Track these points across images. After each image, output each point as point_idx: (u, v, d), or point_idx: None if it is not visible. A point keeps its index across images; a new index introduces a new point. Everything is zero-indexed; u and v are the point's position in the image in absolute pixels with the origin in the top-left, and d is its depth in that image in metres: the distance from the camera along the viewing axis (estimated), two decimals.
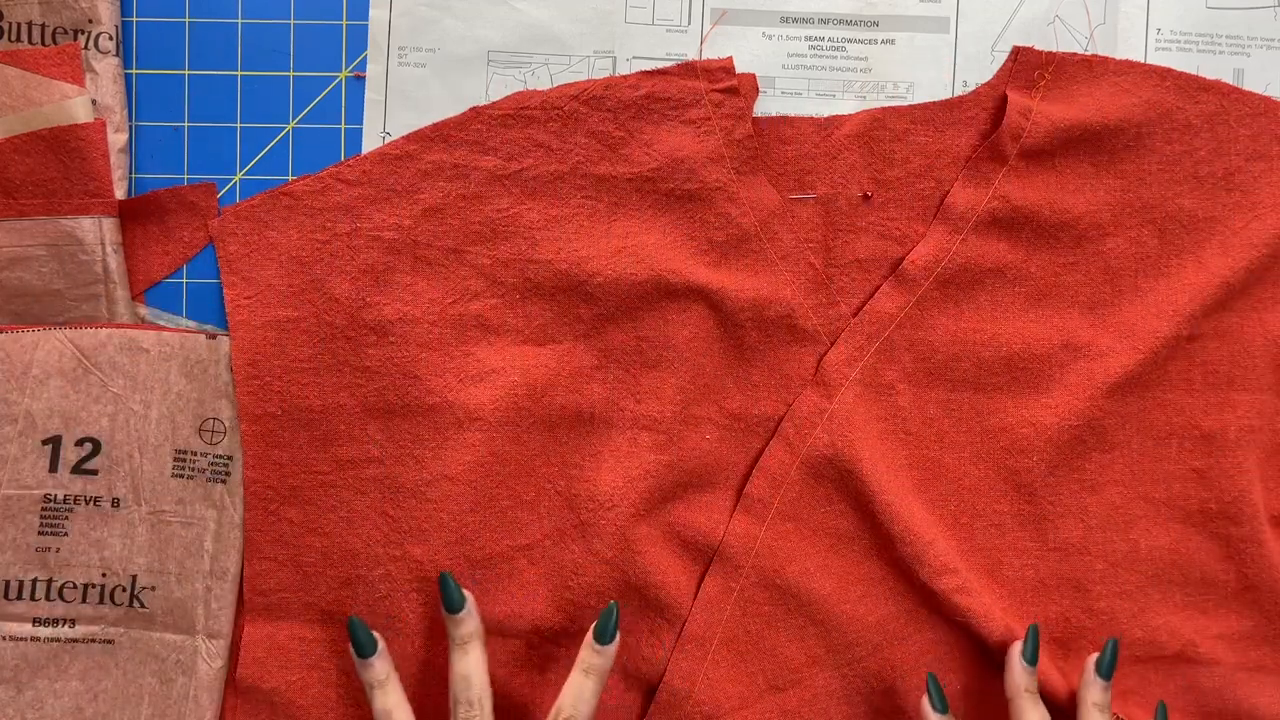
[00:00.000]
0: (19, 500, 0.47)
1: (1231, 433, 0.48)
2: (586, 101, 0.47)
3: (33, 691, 0.47)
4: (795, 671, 0.48)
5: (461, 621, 0.44)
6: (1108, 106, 0.47)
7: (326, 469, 0.47)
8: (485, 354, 0.47)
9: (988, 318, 0.47)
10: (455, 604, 0.44)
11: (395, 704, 0.43)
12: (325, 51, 0.48)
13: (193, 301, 0.49)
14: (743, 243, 0.47)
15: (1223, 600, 0.48)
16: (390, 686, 0.44)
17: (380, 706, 0.43)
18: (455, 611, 0.44)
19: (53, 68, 0.47)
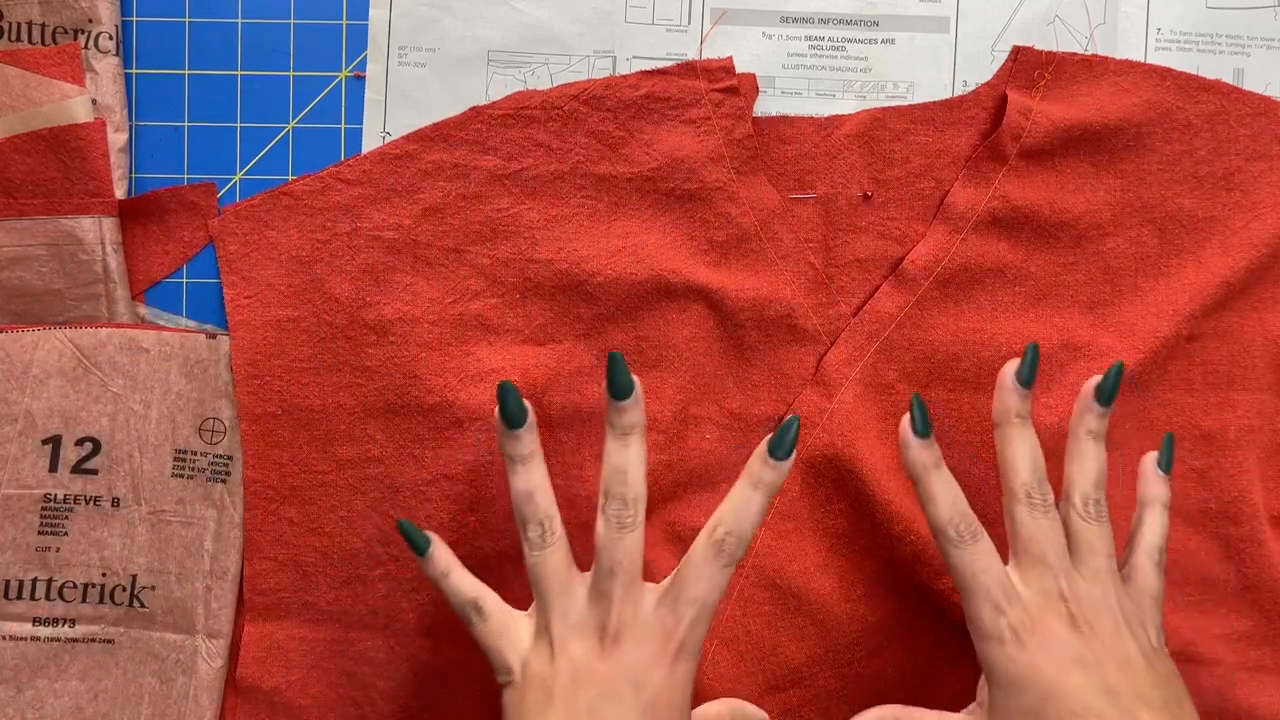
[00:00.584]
0: (19, 500, 0.47)
1: (1231, 432, 0.48)
2: (586, 101, 0.47)
3: (33, 691, 0.47)
4: (795, 671, 0.48)
5: (626, 410, 0.38)
6: (1108, 106, 0.47)
7: (326, 468, 0.47)
8: (485, 354, 0.47)
9: (988, 318, 0.47)
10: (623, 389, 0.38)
11: (538, 484, 0.39)
12: (325, 51, 0.48)
13: (193, 301, 0.49)
14: (743, 242, 0.47)
15: (1223, 600, 0.48)
16: (535, 464, 0.39)
17: (522, 486, 0.39)
18: (621, 398, 0.38)
19: (53, 67, 0.47)
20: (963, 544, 0.38)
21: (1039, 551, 0.38)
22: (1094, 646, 0.36)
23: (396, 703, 0.47)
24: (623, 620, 0.37)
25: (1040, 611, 0.37)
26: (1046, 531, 0.38)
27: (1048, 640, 0.36)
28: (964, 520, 0.38)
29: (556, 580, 0.38)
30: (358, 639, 0.48)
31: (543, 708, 0.36)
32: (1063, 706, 0.35)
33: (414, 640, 0.47)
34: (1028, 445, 0.40)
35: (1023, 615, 0.37)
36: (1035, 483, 0.39)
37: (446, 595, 0.40)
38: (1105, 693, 0.35)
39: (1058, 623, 0.37)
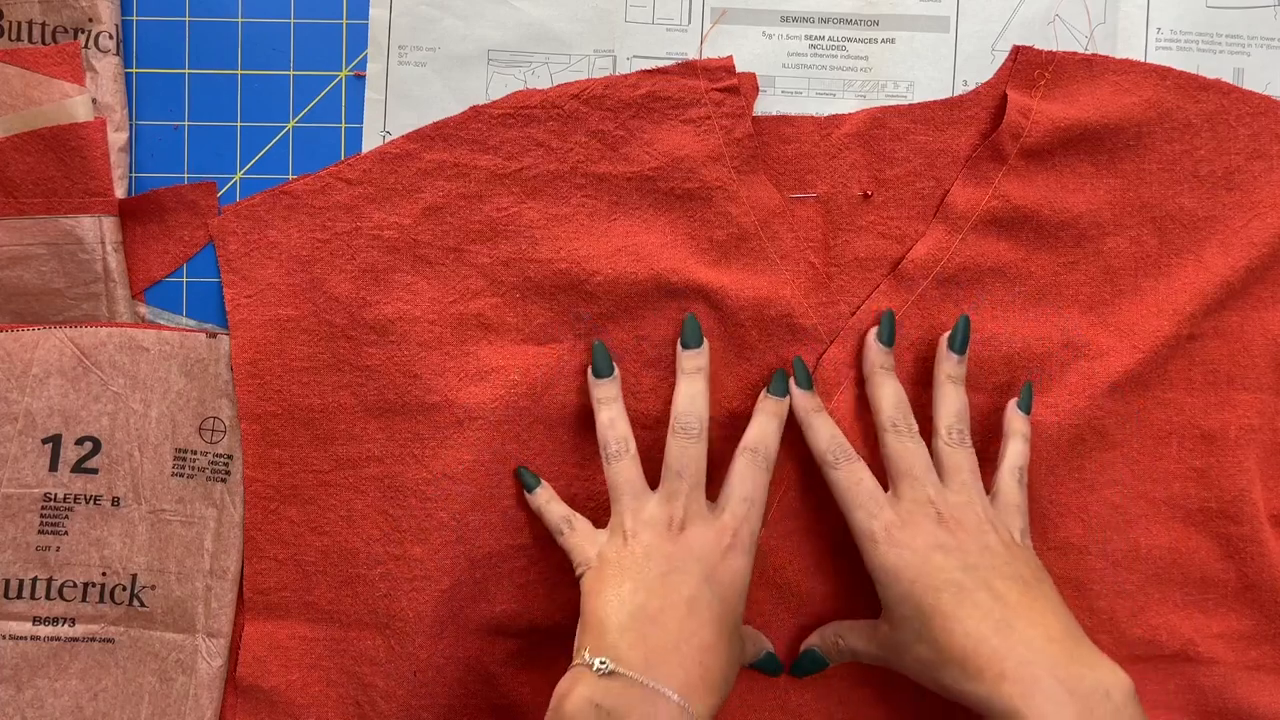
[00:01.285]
0: (19, 499, 0.47)
1: (1232, 432, 0.48)
2: (587, 100, 0.47)
3: (33, 690, 0.47)
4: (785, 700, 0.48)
5: (694, 356, 0.46)
6: (1108, 106, 0.47)
7: (326, 468, 0.47)
8: (485, 353, 0.47)
9: (987, 317, 0.47)
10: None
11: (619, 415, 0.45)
12: (325, 51, 0.48)
13: (193, 300, 0.49)
14: (743, 242, 0.47)
15: (1222, 600, 0.48)
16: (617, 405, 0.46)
17: (606, 418, 0.45)
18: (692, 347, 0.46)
19: (53, 67, 0.47)
20: (839, 465, 0.44)
21: (906, 467, 0.43)
22: (959, 537, 0.42)
23: (396, 702, 0.47)
24: (689, 513, 0.43)
25: (910, 514, 0.42)
26: (912, 451, 0.44)
27: (915, 534, 0.42)
28: (840, 448, 0.44)
29: (630, 485, 0.44)
30: (358, 638, 0.48)
31: (617, 579, 0.41)
32: (927, 583, 0.41)
33: (414, 640, 0.47)
34: (890, 387, 0.45)
35: (893, 517, 0.43)
36: (899, 415, 0.45)
37: (545, 517, 0.46)
38: (964, 568, 0.41)
39: (926, 521, 0.42)
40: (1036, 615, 0.39)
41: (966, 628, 0.39)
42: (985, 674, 0.38)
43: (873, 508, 0.43)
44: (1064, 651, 0.38)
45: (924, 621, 0.40)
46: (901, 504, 0.43)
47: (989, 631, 0.39)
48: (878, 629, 0.44)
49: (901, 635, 0.42)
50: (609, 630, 0.40)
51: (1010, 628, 0.39)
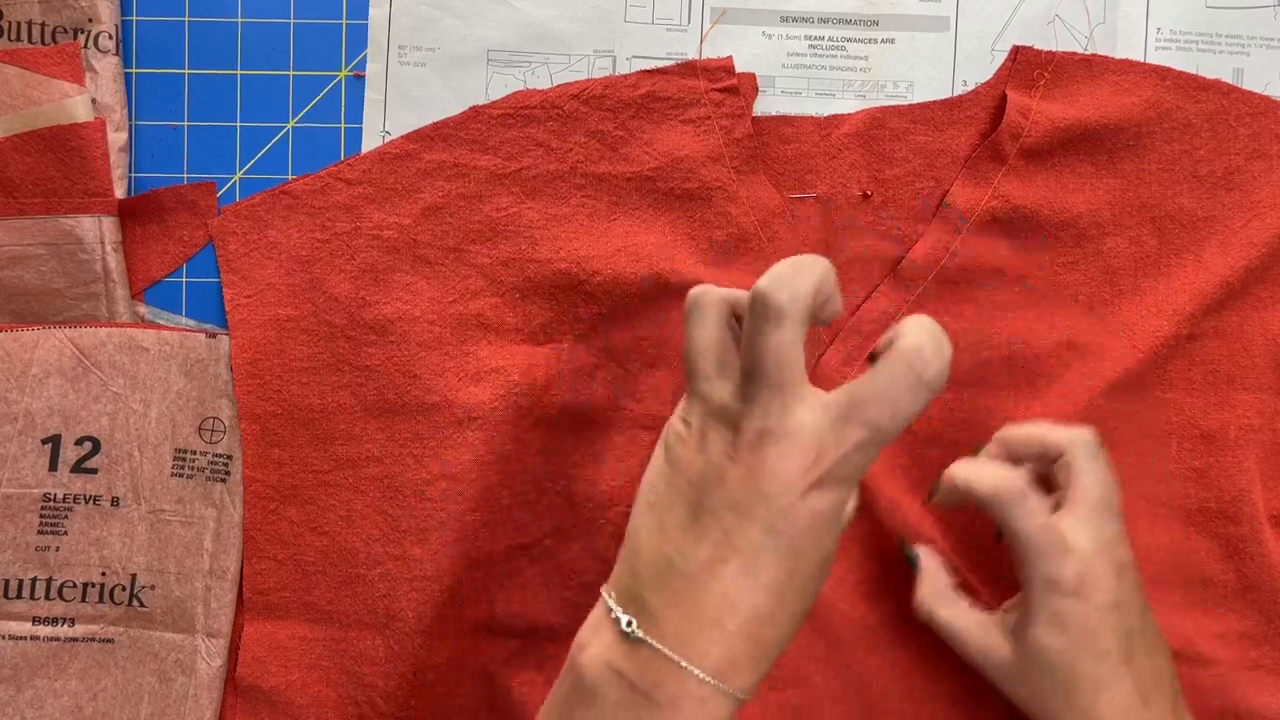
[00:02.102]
0: (18, 499, 0.47)
1: (1231, 432, 0.48)
2: (586, 101, 0.47)
3: (32, 690, 0.47)
4: (795, 671, 0.48)
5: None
6: (1107, 106, 0.47)
7: (326, 468, 0.47)
8: (485, 353, 0.47)
9: (987, 317, 0.47)
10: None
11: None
12: (325, 51, 0.48)
13: (192, 300, 0.49)
14: (742, 242, 0.47)
15: (1222, 600, 0.48)
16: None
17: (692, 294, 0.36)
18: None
19: (53, 67, 0.47)
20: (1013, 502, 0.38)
21: (1099, 495, 0.40)
22: (1128, 590, 0.39)
23: (396, 702, 0.47)
24: (766, 426, 0.32)
25: (1097, 558, 0.38)
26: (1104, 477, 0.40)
27: (1098, 587, 0.38)
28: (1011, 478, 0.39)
29: (704, 357, 0.34)
30: (357, 638, 0.48)
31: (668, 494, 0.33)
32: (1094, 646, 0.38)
33: (414, 640, 0.47)
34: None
35: (1081, 565, 0.38)
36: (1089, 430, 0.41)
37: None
38: (1126, 634, 0.38)
39: (1108, 570, 0.38)
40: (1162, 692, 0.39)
41: (1113, 701, 0.38)
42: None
43: (1057, 553, 0.38)
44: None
45: (1070, 681, 0.38)
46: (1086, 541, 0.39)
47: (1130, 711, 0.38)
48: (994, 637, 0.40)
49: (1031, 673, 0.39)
50: (641, 575, 0.33)
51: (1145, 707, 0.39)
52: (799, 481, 0.32)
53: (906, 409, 0.32)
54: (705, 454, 0.33)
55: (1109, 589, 0.38)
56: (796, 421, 0.32)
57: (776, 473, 0.32)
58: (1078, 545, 0.38)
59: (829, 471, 0.32)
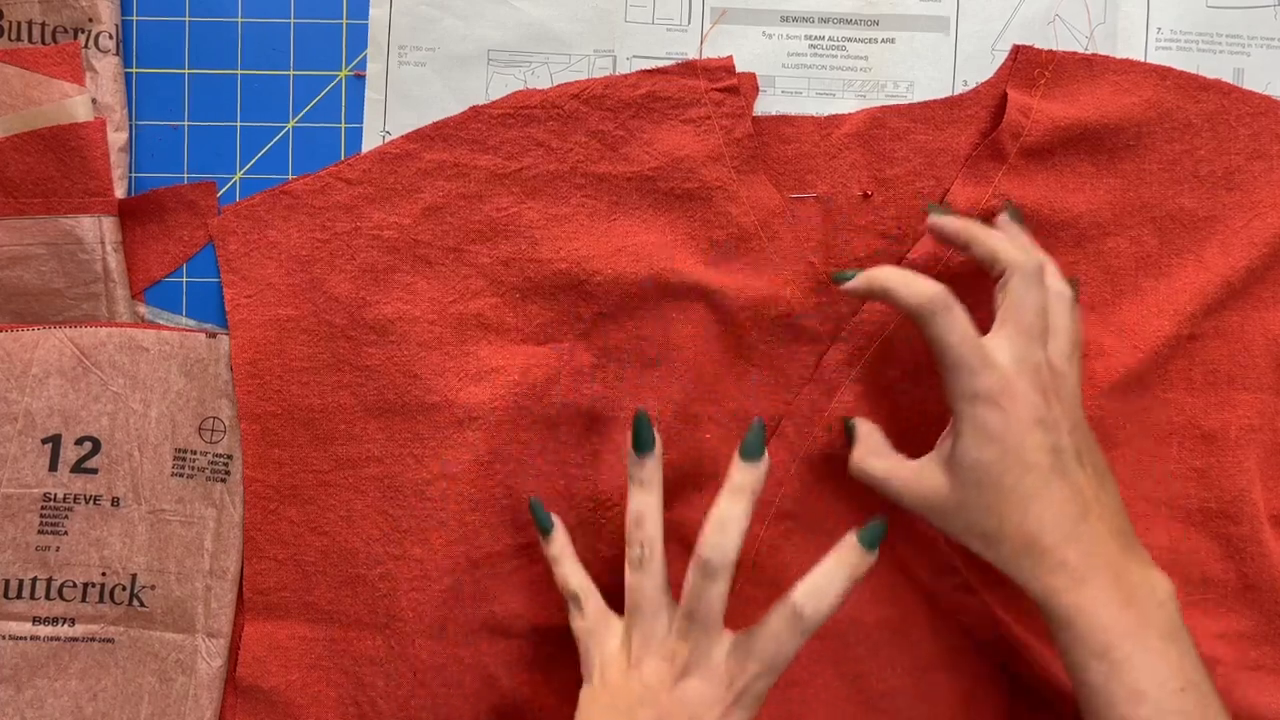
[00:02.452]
0: (19, 499, 0.47)
1: (1232, 432, 0.48)
2: (586, 100, 0.47)
3: (32, 690, 0.47)
4: (795, 671, 0.48)
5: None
6: (1108, 105, 0.47)
7: (326, 468, 0.47)
8: (485, 353, 0.47)
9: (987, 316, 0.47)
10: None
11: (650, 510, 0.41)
12: (325, 50, 0.48)
13: (192, 300, 0.49)
14: (743, 242, 0.47)
15: (1222, 600, 0.48)
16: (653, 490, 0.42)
17: (636, 508, 0.42)
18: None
19: (53, 66, 0.47)
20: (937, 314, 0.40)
21: (1026, 321, 0.40)
22: (1054, 412, 0.39)
23: (396, 703, 0.47)
24: (694, 659, 0.40)
25: (1017, 374, 0.39)
26: (1035, 302, 0.40)
27: (1020, 402, 0.39)
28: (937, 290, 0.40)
29: (649, 603, 0.41)
30: (357, 638, 0.48)
31: (608, 715, 0.40)
32: (1018, 459, 0.39)
33: (414, 640, 0.47)
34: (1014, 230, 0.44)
35: (1000, 378, 0.39)
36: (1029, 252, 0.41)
37: (555, 579, 0.44)
38: (1054, 450, 0.39)
39: (1029, 387, 0.39)
40: (1104, 510, 0.39)
41: (1043, 515, 0.39)
42: (1046, 559, 0.38)
43: (979, 364, 0.39)
44: (1120, 548, 0.39)
45: (1000, 496, 0.39)
46: (1008, 359, 0.39)
47: (1063, 521, 0.39)
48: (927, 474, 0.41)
49: (965, 496, 0.40)
50: None
51: (1082, 520, 0.39)
52: (717, 705, 0.39)
53: (789, 649, 0.39)
54: (641, 678, 0.40)
55: (1032, 404, 0.39)
56: (717, 656, 0.40)
57: (701, 696, 0.39)
58: (999, 360, 0.39)
59: (738, 697, 0.39)
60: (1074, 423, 0.40)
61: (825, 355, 0.47)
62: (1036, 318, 0.40)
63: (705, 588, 0.40)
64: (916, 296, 0.40)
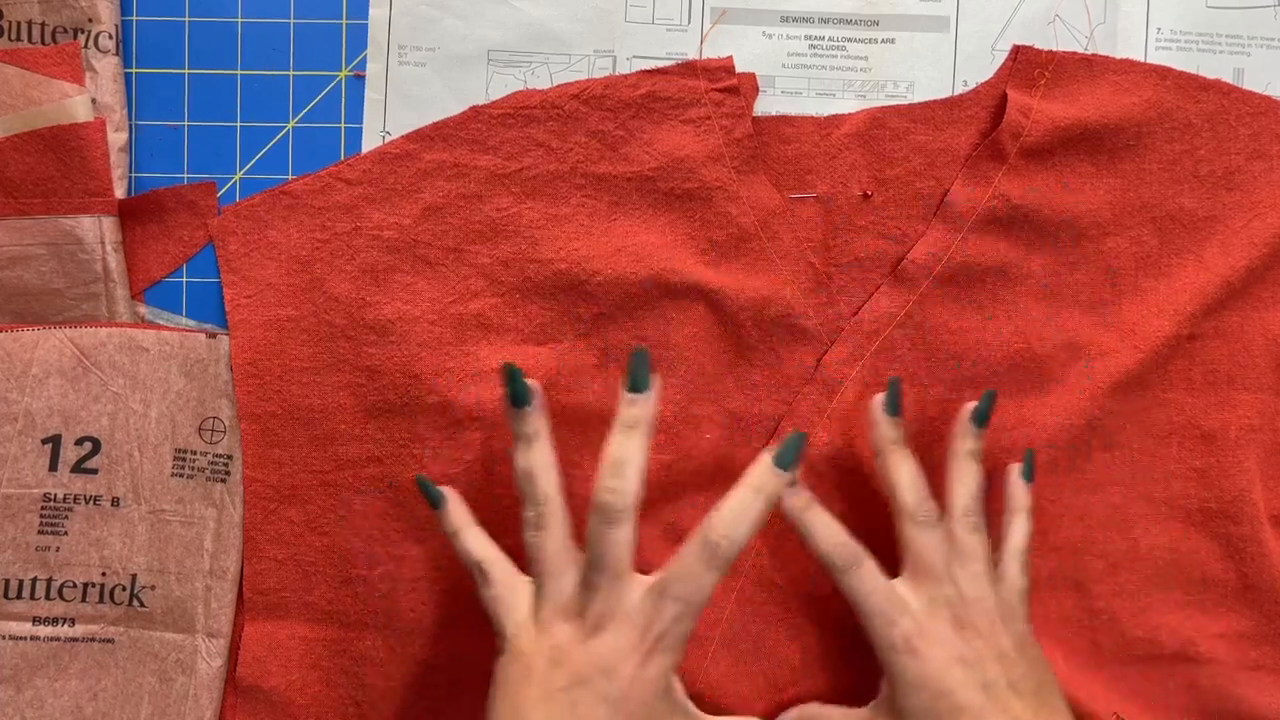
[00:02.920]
0: (19, 499, 0.47)
1: (1232, 432, 0.48)
2: (586, 101, 0.47)
3: (32, 690, 0.47)
4: (795, 671, 0.48)
5: (636, 404, 0.40)
6: (1108, 105, 0.47)
7: (326, 468, 0.47)
8: (485, 353, 0.47)
9: (988, 317, 0.47)
10: (641, 384, 0.40)
11: (539, 464, 0.41)
12: (325, 51, 0.48)
13: (192, 300, 0.49)
14: (743, 242, 0.47)
15: (1222, 599, 0.48)
16: (538, 444, 0.41)
17: (521, 464, 0.41)
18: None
19: (52, 67, 0.47)
20: (848, 570, 0.41)
21: (928, 563, 0.41)
22: (975, 646, 0.40)
23: (396, 703, 0.47)
24: (606, 610, 0.38)
25: (929, 618, 0.41)
26: (934, 544, 0.42)
27: (935, 643, 0.40)
28: (845, 548, 0.41)
29: (551, 562, 0.40)
30: (358, 638, 0.48)
31: (522, 683, 0.38)
32: (950, 702, 0.39)
33: (414, 640, 0.47)
34: (907, 469, 0.43)
35: (913, 624, 0.40)
36: (919, 500, 0.42)
37: (456, 553, 0.42)
38: (983, 687, 0.40)
39: (944, 626, 0.41)
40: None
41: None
42: None
43: (892, 614, 0.40)
44: None
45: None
46: (919, 603, 0.41)
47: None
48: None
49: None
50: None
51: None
52: (633, 654, 0.38)
53: (706, 584, 0.38)
54: (551, 640, 0.39)
55: (949, 644, 0.40)
56: (629, 603, 0.39)
57: (614, 648, 0.38)
58: (911, 607, 0.41)
59: (655, 642, 0.38)
60: (1000, 652, 0.40)
61: (825, 355, 0.47)
62: (936, 556, 0.41)
63: (607, 533, 0.39)
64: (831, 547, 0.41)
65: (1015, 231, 0.47)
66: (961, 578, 0.41)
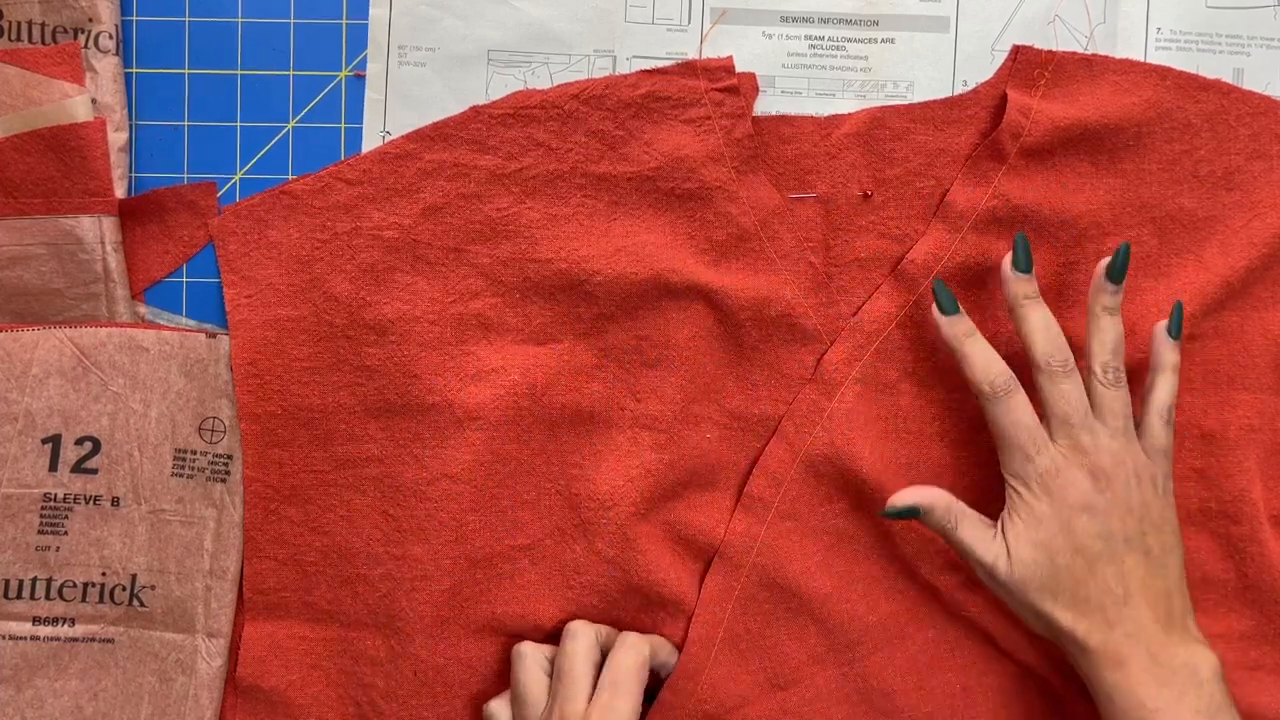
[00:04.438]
0: (19, 499, 0.47)
1: (1232, 432, 0.48)
2: (586, 101, 0.47)
3: (32, 690, 0.47)
4: (796, 670, 0.48)
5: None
6: (1108, 105, 0.47)
7: (326, 468, 0.47)
8: (485, 353, 0.47)
9: (988, 316, 0.47)
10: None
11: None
12: (325, 51, 0.48)
13: (192, 300, 0.49)
14: (742, 242, 0.47)
15: (1223, 600, 0.48)
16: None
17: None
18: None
19: (53, 67, 0.47)
20: (998, 398, 0.43)
21: (1064, 412, 0.43)
22: (1106, 496, 0.42)
23: (396, 702, 0.47)
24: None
25: (1066, 462, 0.43)
26: (1068, 394, 0.43)
27: (1068, 487, 0.42)
28: (1000, 377, 0.43)
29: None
30: (358, 638, 0.48)
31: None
32: (1066, 542, 0.42)
33: (414, 640, 0.47)
34: (1040, 319, 0.44)
35: (1049, 463, 0.42)
36: (1054, 350, 0.43)
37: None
38: (1105, 536, 0.42)
39: (1079, 473, 0.42)
40: (1152, 595, 0.42)
41: (1089, 596, 0.42)
42: (1090, 638, 0.41)
43: (1030, 450, 0.43)
44: (1164, 630, 0.42)
45: (1052, 575, 0.42)
46: (1057, 450, 0.43)
47: (1107, 604, 0.42)
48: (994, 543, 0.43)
49: (1021, 573, 0.42)
50: None
51: (1125, 604, 0.42)
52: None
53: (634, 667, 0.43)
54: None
55: (1080, 490, 0.42)
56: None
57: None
58: (1051, 447, 0.43)
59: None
60: (1128, 506, 0.42)
61: (825, 355, 0.47)
62: (1075, 406, 0.43)
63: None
64: (985, 375, 0.43)
65: (1015, 231, 0.47)
66: (1100, 431, 0.43)
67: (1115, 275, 0.44)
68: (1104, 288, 0.44)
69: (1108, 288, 0.44)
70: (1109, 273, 0.44)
